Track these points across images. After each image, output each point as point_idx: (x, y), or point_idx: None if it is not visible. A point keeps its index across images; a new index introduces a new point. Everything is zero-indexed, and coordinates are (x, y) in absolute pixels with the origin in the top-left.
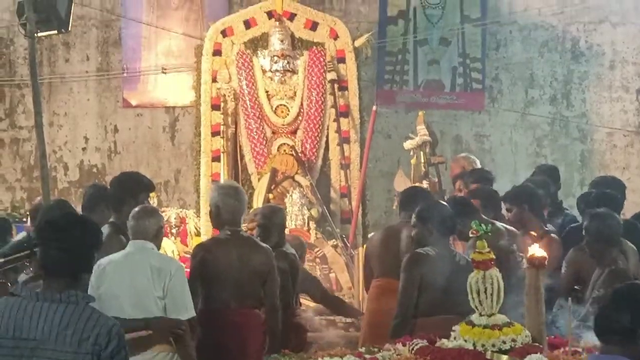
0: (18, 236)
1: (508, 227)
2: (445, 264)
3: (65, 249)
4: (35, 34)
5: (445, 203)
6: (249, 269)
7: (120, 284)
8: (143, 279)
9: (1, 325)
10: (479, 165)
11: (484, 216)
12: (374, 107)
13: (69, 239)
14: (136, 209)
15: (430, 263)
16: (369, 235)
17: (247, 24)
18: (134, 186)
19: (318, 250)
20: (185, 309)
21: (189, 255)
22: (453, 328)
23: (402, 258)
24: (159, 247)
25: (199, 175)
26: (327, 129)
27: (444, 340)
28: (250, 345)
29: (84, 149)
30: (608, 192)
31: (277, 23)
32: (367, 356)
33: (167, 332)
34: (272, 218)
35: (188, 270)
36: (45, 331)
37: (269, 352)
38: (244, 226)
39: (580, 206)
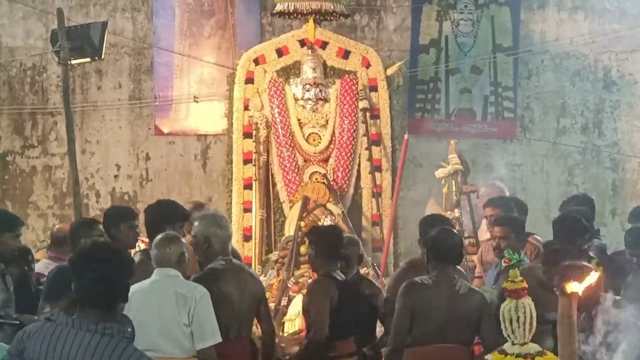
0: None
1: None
2: (442, 292)
3: (99, 279)
4: (69, 62)
5: (454, 231)
6: (247, 298)
7: (148, 313)
8: (169, 306)
9: (35, 349)
10: (507, 193)
11: None
12: (406, 136)
13: (104, 269)
14: (158, 237)
15: (425, 292)
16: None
17: (280, 52)
18: (170, 214)
19: None
20: (212, 335)
21: None
22: (486, 357)
23: None
24: (184, 274)
25: (231, 203)
26: (359, 157)
27: None
28: None
29: (115, 176)
30: None
31: (310, 51)
32: None
33: None
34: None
35: None
36: (78, 359)
37: None
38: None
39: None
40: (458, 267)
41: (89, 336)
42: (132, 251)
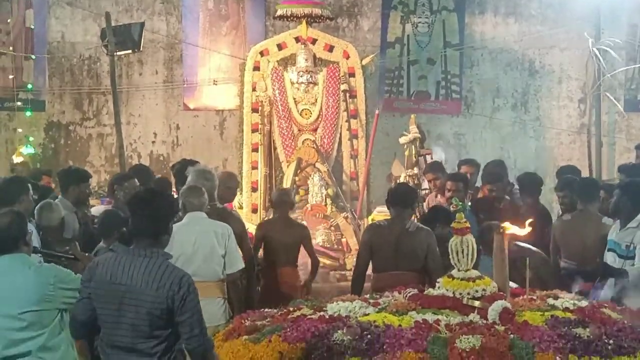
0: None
1: None
2: (394, 231)
3: (148, 216)
4: (115, 53)
5: (409, 185)
6: None
7: (191, 246)
8: (209, 242)
9: (102, 273)
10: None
11: None
12: (377, 112)
13: (151, 209)
14: (184, 188)
15: (380, 230)
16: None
17: (280, 47)
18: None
19: (333, 220)
20: (238, 263)
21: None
22: (437, 280)
23: None
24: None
25: (242, 162)
26: (341, 128)
27: (430, 289)
28: None
29: (153, 142)
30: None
31: (303, 46)
32: (372, 301)
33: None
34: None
35: None
36: (133, 278)
37: None
38: None
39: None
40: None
41: (141, 260)
42: None
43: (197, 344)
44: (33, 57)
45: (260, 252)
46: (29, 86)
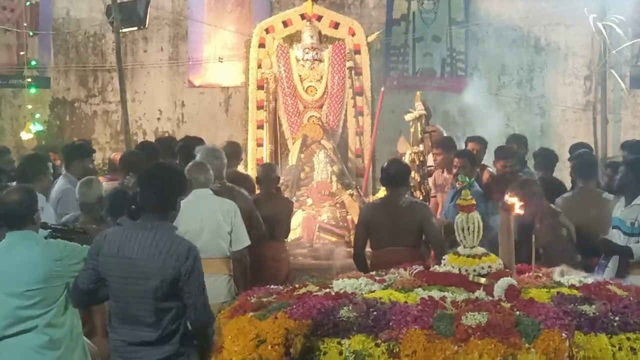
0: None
1: None
2: (388, 208)
3: (156, 192)
4: (120, 30)
5: (400, 161)
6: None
7: (198, 223)
8: (215, 218)
9: (109, 246)
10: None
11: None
12: (382, 89)
13: (159, 184)
14: (190, 164)
15: (374, 209)
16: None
17: (285, 24)
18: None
19: (338, 198)
20: (245, 240)
21: None
22: (443, 257)
23: None
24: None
25: (247, 139)
26: (346, 105)
27: (436, 266)
28: None
29: (158, 119)
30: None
31: (308, 23)
32: (377, 278)
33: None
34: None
35: None
36: (140, 251)
37: None
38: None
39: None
40: None
41: (148, 233)
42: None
43: (197, 316)
44: (30, 33)
45: None
46: (33, 62)
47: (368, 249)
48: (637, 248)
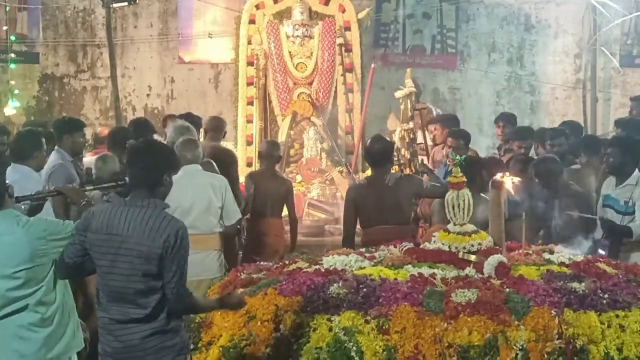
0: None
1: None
2: (375, 187)
3: (144, 168)
4: (110, 5)
5: (383, 140)
6: None
7: (188, 199)
8: (206, 194)
9: (98, 223)
10: (434, 112)
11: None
12: (372, 66)
13: (147, 160)
14: (180, 140)
15: (360, 189)
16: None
17: (275, 0)
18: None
19: (328, 174)
20: (236, 215)
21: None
22: (433, 234)
23: None
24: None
25: (237, 116)
26: (336, 82)
27: (426, 243)
28: None
29: (148, 95)
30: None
31: None
32: (367, 255)
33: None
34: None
35: None
36: (130, 229)
37: None
38: None
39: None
40: None
41: (138, 210)
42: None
43: (171, 294)
44: (6, 6)
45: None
46: (12, 37)
47: (358, 227)
48: (636, 227)
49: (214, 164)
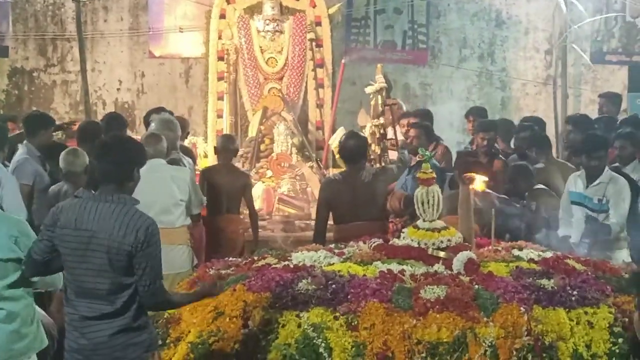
0: None
1: None
2: (349, 184)
3: (113, 162)
4: None
5: (357, 137)
6: None
7: (150, 194)
8: (167, 188)
9: (67, 218)
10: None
11: None
12: (343, 61)
13: (116, 155)
14: (145, 134)
15: (335, 185)
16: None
17: None
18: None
19: (298, 170)
20: (201, 203)
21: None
22: (402, 230)
23: None
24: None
25: (207, 111)
26: (307, 77)
27: (395, 240)
28: None
29: (118, 89)
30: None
31: None
32: (336, 251)
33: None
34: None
35: None
36: (100, 224)
37: None
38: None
39: None
40: None
41: (108, 205)
42: None
43: (144, 291)
44: None
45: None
46: None
47: (330, 222)
48: (613, 225)
49: (184, 158)
